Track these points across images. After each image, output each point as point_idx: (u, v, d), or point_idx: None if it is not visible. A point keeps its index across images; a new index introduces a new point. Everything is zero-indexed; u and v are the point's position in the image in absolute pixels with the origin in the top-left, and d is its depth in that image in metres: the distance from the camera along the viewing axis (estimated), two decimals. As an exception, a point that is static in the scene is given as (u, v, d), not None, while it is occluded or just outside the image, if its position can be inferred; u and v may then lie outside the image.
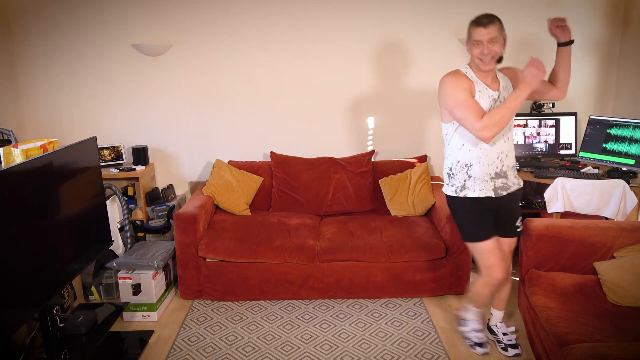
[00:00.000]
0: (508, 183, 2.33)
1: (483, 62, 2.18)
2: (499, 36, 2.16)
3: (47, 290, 2.20)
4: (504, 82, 2.30)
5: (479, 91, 2.23)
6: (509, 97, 2.13)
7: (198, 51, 3.65)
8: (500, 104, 2.20)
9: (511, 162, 2.34)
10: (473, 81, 2.24)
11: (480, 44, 2.15)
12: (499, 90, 2.26)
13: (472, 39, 2.18)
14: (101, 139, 3.70)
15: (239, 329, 2.84)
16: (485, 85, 2.24)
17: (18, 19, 3.56)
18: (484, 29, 2.14)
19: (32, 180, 2.11)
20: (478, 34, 2.15)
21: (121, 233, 3.28)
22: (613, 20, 3.62)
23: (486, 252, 2.33)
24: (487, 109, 2.22)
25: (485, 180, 2.29)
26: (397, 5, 3.59)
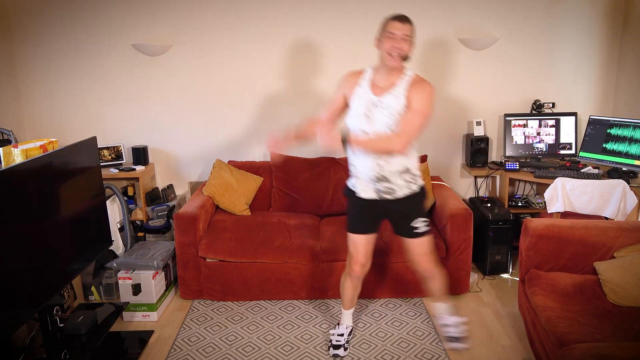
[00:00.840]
0: (393, 188, 2.30)
1: (391, 57, 2.16)
2: (411, 37, 2.19)
3: (47, 290, 2.20)
4: (400, 90, 2.22)
5: (358, 96, 2.27)
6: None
7: (198, 51, 3.65)
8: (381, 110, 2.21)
9: (395, 168, 2.27)
10: (360, 84, 2.28)
11: (393, 37, 2.15)
12: (383, 97, 2.22)
13: (386, 30, 2.18)
14: (101, 139, 3.70)
15: (239, 329, 2.84)
16: (369, 90, 2.25)
17: (18, 19, 3.56)
18: (401, 24, 2.16)
19: (32, 180, 2.11)
20: (394, 27, 2.16)
21: (121, 233, 3.28)
22: (613, 20, 3.62)
23: (351, 243, 2.47)
24: (362, 112, 2.24)
25: (367, 181, 2.32)
26: (397, 5, 3.59)
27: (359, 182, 2.37)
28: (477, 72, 3.71)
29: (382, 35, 2.21)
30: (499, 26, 3.62)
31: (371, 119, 2.22)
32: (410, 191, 2.34)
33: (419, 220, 2.38)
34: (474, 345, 2.64)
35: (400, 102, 2.20)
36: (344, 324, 2.67)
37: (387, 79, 2.24)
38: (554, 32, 3.65)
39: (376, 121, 2.22)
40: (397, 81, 2.24)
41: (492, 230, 3.29)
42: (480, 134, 3.65)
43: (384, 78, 2.25)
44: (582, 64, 3.71)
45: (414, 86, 2.22)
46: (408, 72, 2.26)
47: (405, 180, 2.32)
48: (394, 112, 2.20)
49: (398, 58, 2.17)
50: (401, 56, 2.18)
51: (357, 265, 2.47)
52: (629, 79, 3.57)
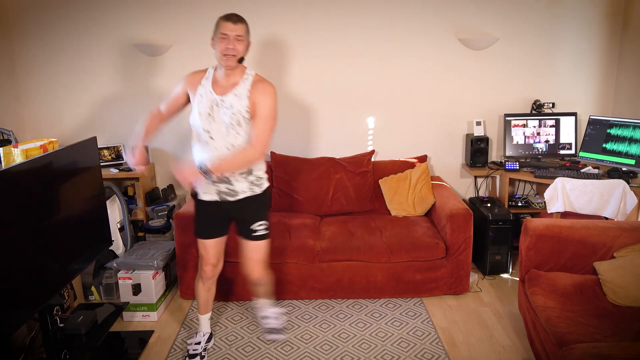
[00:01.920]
0: (235, 189, 2.31)
1: (226, 57, 2.16)
2: (245, 37, 2.18)
3: (47, 290, 2.20)
4: (242, 90, 2.23)
5: (200, 95, 2.26)
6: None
7: (198, 51, 3.64)
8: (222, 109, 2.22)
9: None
10: (202, 83, 2.28)
11: (226, 39, 2.14)
12: (225, 96, 2.22)
13: (219, 31, 2.16)
14: (101, 139, 3.70)
15: (239, 329, 2.84)
16: (211, 89, 2.25)
17: (18, 19, 3.56)
18: (233, 25, 2.14)
19: (32, 180, 2.11)
20: (226, 28, 2.14)
21: (121, 233, 3.28)
22: (613, 20, 3.62)
23: (200, 247, 2.47)
24: (206, 112, 2.24)
25: (208, 183, 2.30)
26: (397, 5, 3.59)
27: (201, 185, 2.34)
28: (477, 72, 3.71)
29: (215, 36, 2.20)
30: (499, 26, 3.62)
31: (213, 117, 2.23)
32: (252, 193, 2.35)
33: (259, 223, 2.40)
34: (474, 344, 2.64)
35: (243, 103, 2.22)
36: (200, 332, 2.62)
37: (229, 78, 2.25)
38: (554, 32, 3.65)
39: (218, 120, 2.23)
40: (239, 80, 2.24)
41: (492, 230, 3.29)
42: (480, 134, 3.65)
43: (224, 77, 2.25)
44: (582, 64, 3.71)
45: (255, 87, 2.23)
46: (250, 72, 2.28)
47: (249, 181, 2.33)
48: (236, 112, 2.21)
49: (232, 59, 2.17)
50: (235, 57, 2.18)
51: (208, 266, 2.47)
52: (629, 79, 3.57)
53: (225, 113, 2.22)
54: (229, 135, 2.23)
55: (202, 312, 2.62)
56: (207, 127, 2.24)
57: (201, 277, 2.53)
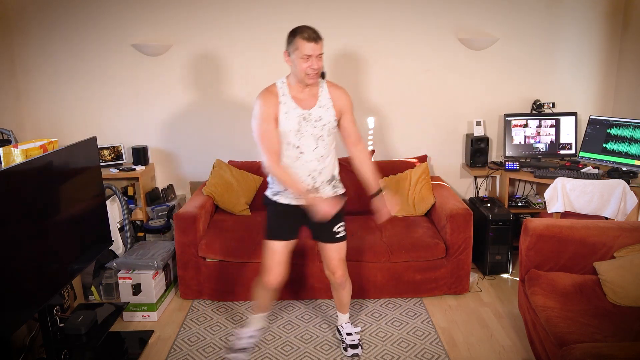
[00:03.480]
0: (321, 195, 2.32)
1: (309, 77, 2.16)
2: (323, 53, 2.18)
3: (47, 290, 2.20)
4: (325, 100, 2.26)
5: (285, 112, 2.21)
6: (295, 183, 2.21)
7: (198, 51, 3.65)
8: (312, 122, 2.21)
9: (326, 177, 2.32)
10: (281, 101, 2.22)
11: (309, 59, 2.12)
12: (312, 109, 2.23)
13: (300, 51, 2.12)
14: (101, 139, 3.70)
15: (239, 329, 2.84)
16: (295, 105, 2.22)
17: (18, 19, 3.56)
18: (315, 45, 2.11)
19: (32, 180, 2.11)
20: (309, 48, 2.10)
21: (121, 233, 3.28)
22: (613, 20, 3.62)
23: (269, 254, 2.38)
24: (295, 128, 2.21)
25: (297, 197, 2.28)
26: (397, 5, 3.59)
27: (285, 194, 2.33)
28: (477, 72, 3.71)
29: (294, 55, 2.16)
30: (499, 26, 3.62)
31: (302, 132, 2.23)
32: (334, 195, 2.37)
33: (340, 224, 2.41)
34: (474, 344, 2.64)
35: (331, 113, 2.26)
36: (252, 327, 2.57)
37: (306, 91, 2.25)
38: (554, 32, 3.65)
39: (306, 134, 2.23)
40: (317, 92, 2.26)
41: (492, 230, 3.29)
42: (480, 134, 3.65)
43: (302, 90, 2.24)
44: (582, 64, 3.71)
45: (335, 95, 2.29)
46: (321, 80, 2.29)
47: (333, 186, 2.37)
48: (326, 122, 2.25)
49: (317, 77, 2.19)
50: (318, 74, 2.19)
51: (273, 276, 2.38)
52: (629, 79, 3.57)
53: (314, 126, 2.23)
54: (318, 147, 2.26)
55: (258, 312, 2.55)
56: (296, 143, 2.23)
57: (265, 288, 2.42)
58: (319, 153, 2.27)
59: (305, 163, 2.26)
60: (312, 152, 2.26)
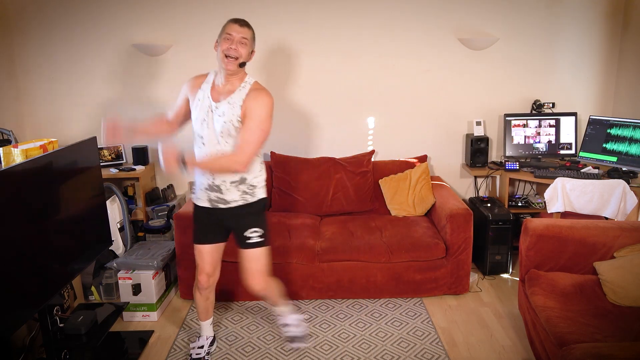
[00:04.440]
0: (225, 198, 2.25)
1: (227, 60, 2.10)
2: (250, 42, 2.16)
3: (47, 290, 2.20)
4: (237, 98, 2.17)
5: (199, 99, 2.22)
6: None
7: (198, 51, 3.64)
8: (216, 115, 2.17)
9: (229, 178, 2.23)
10: (202, 88, 2.23)
11: (230, 39, 2.10)
12: (219, 102, 2.18)
13: (224, 32, 2.13)
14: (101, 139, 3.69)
15: (239, 329, 2.84)
16: (208, 94, 2.20)
17: (18, 19, 3.56)
18: (239, 27, 2.12)
19: (32, 180, 2.11)
20: (232, 29, 2.11)
21: (121, 233, 3.28)
22: (613, 20, 3.62)
23: (196, 254, 2.41)
24: (202, 118, 2.20)
25: (201, 189, 2.28)
26: (397, 5, 3.59)
27: (197, 190, 2.33)
28: (477, 72, 3.71)
29: (219, 38, 2.16)
30: (499, 26, 3.62)
31: (207, 123, 2.19)
32: (245, 202, 2.27)
33: (252, 229, 2.28)
34: (474, 344, 2.64)
35: (235, 112, 2.15)
36: (203, 335, 2.59)
37: (227, 85, 2.19)
38: (554, 32, 3.65)
39: (211, 127, 2.19)
40: (236, 88, 2.19)
41: (492, 230, 3.29)
42: (480, 134, 3.65)
43: (223, 83, 2.20)
44: (582, 64, 3.71)
45: (250, 96, 2.16)
46: (248, 80, 2.22)
47: (241, 191, 2.25)
48: (227, 120, 2.15)
49: (234, 61, 2.12)
50: (237, 60, 2.12)
51: (203, 275, 2.40)
52: (629, 79, 3.57)
53: (217, 120, 2.17)
54: (219, 143, 2.19)
55: (203, 318, 2.57)
56: (201, 133, 2.22)
57: (197, 286, 2.46)
58: (220, 149, 2.19)
59: (205, 156, 2.21)
60: (213, 146, 2.20)
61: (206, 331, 2.60)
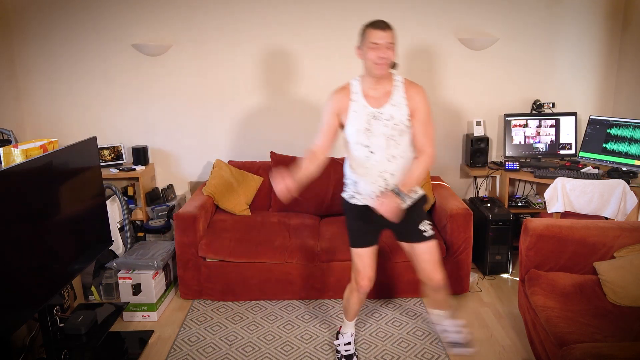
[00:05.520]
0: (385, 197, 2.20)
1: (378, 66, 2.08)
2: (394, 43, 2.10)
3: (47, 290, 2.20)
4: (398, 98, 2.16)
5: (355, 110, 2.17)
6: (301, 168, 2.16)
7: (198, 51, 3.65)
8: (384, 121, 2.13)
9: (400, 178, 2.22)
10: (352, 98, 2.18)
11: (377, 47, 2.06)
12: (383, 108, 2.15)
13: (368, 41, 2.07)
14: (101, 139, 3.70)
15: (239, 329, 2.84)
16: (365, 103, 2.16)
17: (18, 19, 3.56)
18: (383, 32, 2.06)
19: (32, 180, 2.11)
20: (376, 36, 2.06)
21: (121, 233, 3.28)
22: (613, 20, 3.62)
23: (356, 259, 2.35)
24: (363, 127, 2.15)
25: (372, 197, 2.23)
26: (396, 5, 3.59)
27: (362, 196, 2.28)
28: (477, 72, 3.71)
29: (364, 45, 2.11)
30: (499, 26, 3.63)
31: (371, 131, 2.16)
32: (412, 200, 2.29)
33: (425, 222, 2.32)
34: (477, 348, 2.64)
35: (403, 112, 2.15)
36: (348, 332, 2.58)
37: (379, 88, 2.17)
38: (554, 32, 3.65)
39: (377, 133, 2.15)
40: (391, 89, 2.17)
41: (492, 230, 3.29)
42: (480, 134, 3.65)
43: (374, 87, 2.17)
44: (582, 64, 3.71)
45: (411, 92, 2.17)
46: (397, 78, 2.20)
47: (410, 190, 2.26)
48: (397, 122, 2.14)
49: (385, 67, 2.10)
50: (388, 65, 2.10)
51: (366, 280, 2.33)
52: (629, 79, 3.57)
53: (385, 125, 2.14)
54: (388, 147, 2.16)
55: (351, 318, 2.55)
56: (366, 142, 2.16)
57: (357, 290, 2.37)
58: (390, 153, 2.17)
59: (376, 163, 2.18)
60: (383, 152, 2.16)
61: (351, 328, 2.59)
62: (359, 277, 2.35)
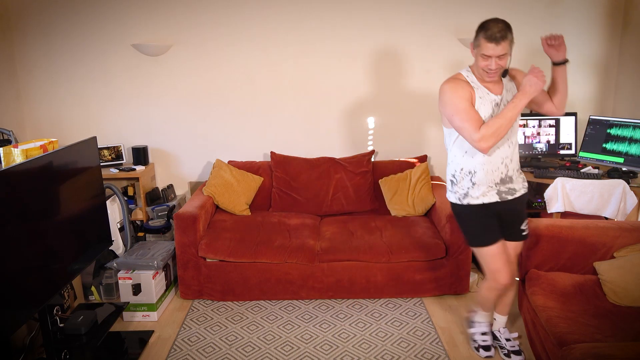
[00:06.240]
0: (515, 187, 2.27)
1: (487, 74, 2.12)
2: (509, 50, 2.08)
3: (47, 290, 2.20)
4: (508, 84, 2.23)
5: (480, 97, 2.16)
6: (507, 107, 2.08)
7: (198, 51, 3.65)
8: (503, 107, 2.16)
9: (516, 165, 2.28)
10: (474, 87, 2.17)
11: (488, 59, 2.07)
12: (502, 94, 2.19)
13: (481, 50, 2.08)
14: (101, 139, 3.70)
15: (239, 329, 2.84)
16: (486, 90, 2.18)
17: (18, 19, 3.56)
18: (496, 46, 2.03)
19: (32, 180, 2.11)
20: (489, 49, 2.04)
21: (121, 233, 3.28)
22: (613, 20, 3.62)
23: (491, 256, 2.28)
24: (490, 114, 2.16)
25: (490, 186, 2.24)
26: (397, 5, 3.59)
27: (480, 188, 2.24)
28: (477, 72, 3.70)
29: (476, 50, 2.12)
30: (499, 26, 3.62)
31: None
32: (525, 190, 2.31)
33: (526, 222, 2.36)
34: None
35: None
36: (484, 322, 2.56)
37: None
38: (554, 32, 3.62)
39: None
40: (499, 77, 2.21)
41: (492, 230, 3.29)
42: (480, 134, 3.65)
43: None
44: (582, 64, 3.70)
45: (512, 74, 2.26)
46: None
47: (522, 178, 2.32)
48: None
49: (496, 76, 2.14)
50: (499, 73, 2.14)
51: (508, 277, 2.28)
52: (629, 79, 3.57)
53: None
54: (511, 132, 2.20)
55: (488, 310, 2.53)
56: None
57: (496, 289, 2.34)
58: (510, 139, 2.20)
59: (498, 150, 2.19)
60: (506, 138, 2.19)
61: (488, 318, 2.56)
62: (499, 277, 2.29)
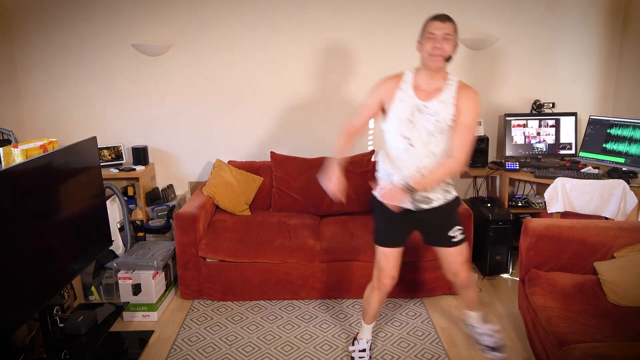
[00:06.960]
0: (430, 197, 2.22)
1: (433, 57, 2.06)
2: (453, 36, 2.08)
3: (47, 290, 2.20)
4: (447, 97, 2.13)
5: (401, 100, 2.15)
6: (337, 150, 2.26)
7: (198, 51, 3.65)
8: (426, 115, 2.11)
9: None
10: (401, 87, 2.17)
11: (433, 38, 2.05)
12: (430, 102, 2.12)
13: (426, 31, 2.09)
14: (101, 139, 3.70)
15: (239, 329, 2.84)
16: (412, 94, 2.14)
17: (18, 19, 3.56)
18: (441, 23, 2.06)
19: (32, 180, 2.11)
20: (434, 26, 2.06)
21: (121, 233, 3.28)
22: (613, 20, 3.62)
23: (382, 255, 2.34)
24: (405, 117, 2.13)
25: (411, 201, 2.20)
26: (396, 5, 3.59)
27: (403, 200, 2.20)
28: (477, 72, 3.71)
29: (422, 37, 2.11)
30: (499, 26, 3.62)
31: (414, 123, 2.13)
32: (445, 200, 2.25)
33: (455, 228, 2.30)
34: (474, 344, 2.64)
35: (449, 111, 2.11)
36: (363, 339, 2.53)
37: (431, 83, 2.14)
38: (554, 32, 3.65)
39: (419, 126, 2.12)
40: (443, 86, 2.14)
41: (492, 230, 3.29)
42: (480, 134, 3.65)
43: (427, 82, 2.14)
44: (582, 64, 3.71)
45: (462, 94, 2.13)
46: (452, 77, 2.17)
47: (442, 189, 2.25)
48: (441, 119, 2.11)
49: (440, 59, 2.07)
50: (443, 57, 2.07)
51: (389, 279, 2.33)
52: (629, 79, 3.57)
53: (428, 120, 2.11)
54: (430, 142, 2.13)
55: (369, 322, 2.51)
56: (406, 134, 2.14)
57: (378, 289, 2.37)
58: (431, 150, 2.14)
59: (414, 157, 2.16)
60: (423, 146, 2.14)
61: (367, 334, 2.54)
62: (382, 275, 2.34)
